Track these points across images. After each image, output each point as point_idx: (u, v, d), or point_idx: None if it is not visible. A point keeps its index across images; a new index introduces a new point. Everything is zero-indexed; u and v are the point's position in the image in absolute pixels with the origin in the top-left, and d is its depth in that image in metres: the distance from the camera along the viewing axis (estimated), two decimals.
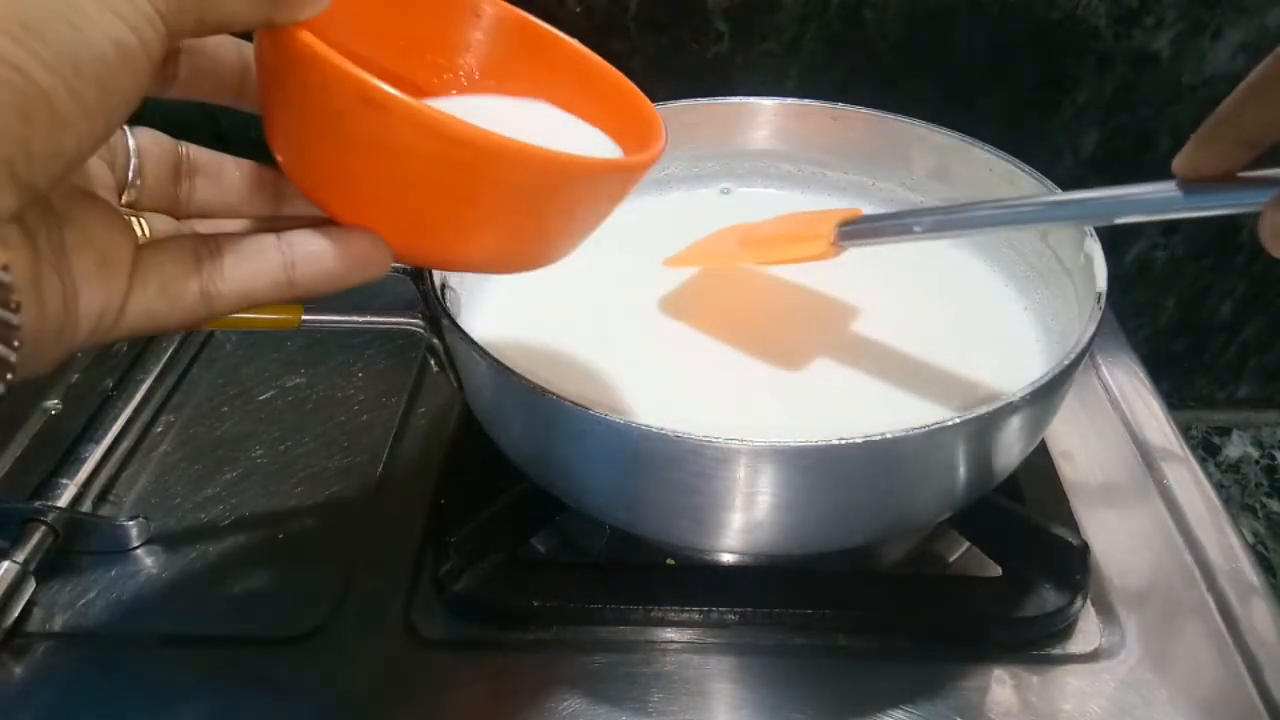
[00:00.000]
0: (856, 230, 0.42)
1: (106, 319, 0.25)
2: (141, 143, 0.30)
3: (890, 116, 0.53)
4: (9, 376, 0.22)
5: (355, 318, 0.42)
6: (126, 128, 0.29)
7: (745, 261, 0.49)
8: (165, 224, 0.30)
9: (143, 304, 0.25)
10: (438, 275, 0.42)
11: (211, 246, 0.27)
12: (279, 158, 0.29)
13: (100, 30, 0.21)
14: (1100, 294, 0.40)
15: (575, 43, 0.35)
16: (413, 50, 0.33)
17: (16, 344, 0.22)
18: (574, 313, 0.49)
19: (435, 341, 0.42)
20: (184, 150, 0.31)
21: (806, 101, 0.55)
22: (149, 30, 0.21)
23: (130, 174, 0.29)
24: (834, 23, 0.66)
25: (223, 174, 0.31)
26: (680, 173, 0.58)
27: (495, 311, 0.48)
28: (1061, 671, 0.41)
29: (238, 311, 0.28)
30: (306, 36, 0.25)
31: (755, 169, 0.58)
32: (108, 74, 0.21)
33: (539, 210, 0.29)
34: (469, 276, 0.48)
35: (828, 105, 0.55)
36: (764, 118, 0.56)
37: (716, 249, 0.49)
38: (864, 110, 0.54)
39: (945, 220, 0.40)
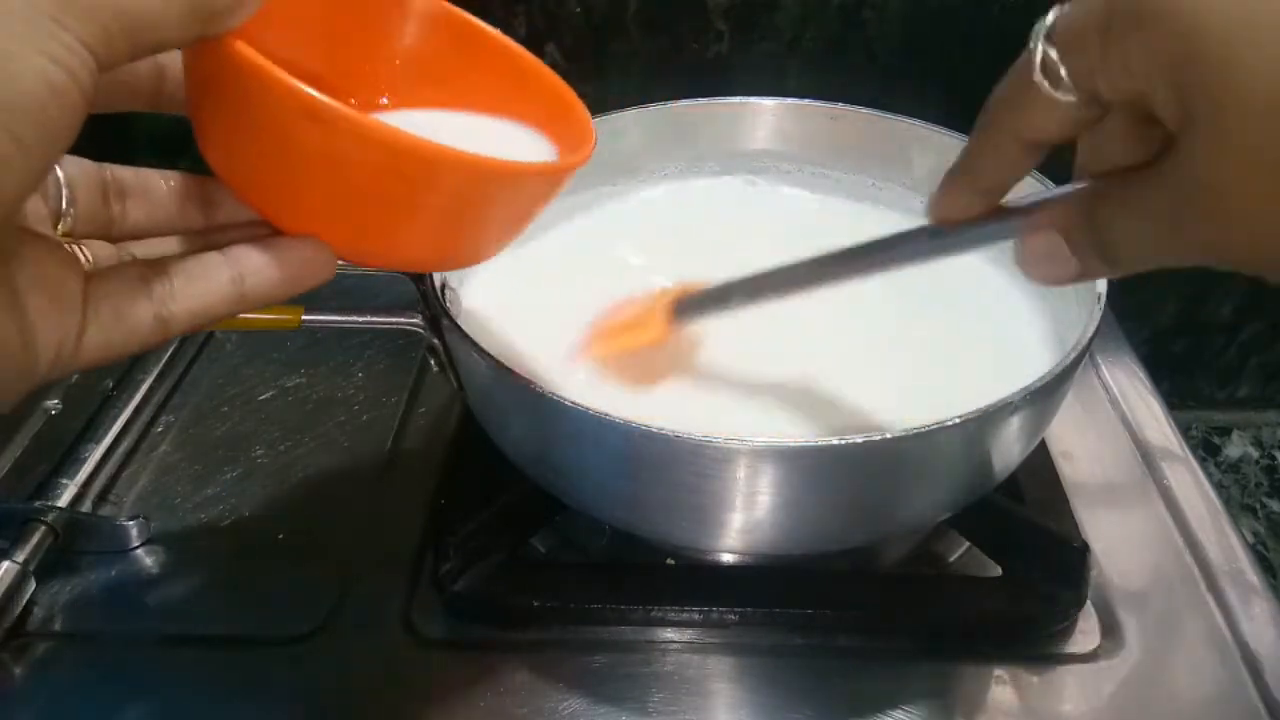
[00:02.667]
0: (689, 307, 0.42)
1: (65, 352, 0.25)
2: (68, 171, 0.30)
3: (890, 116, 0.53)
4: None
5: (355, 318, 0.42)
6: None
7: (605, 351, 0.46)
8: (105, 250, 0.30)
9: (99, 335, 0.26)
10: (438, 275, 0.42)
11: (159, 270, 0.27)
12: (216, 168, 0.29)
13: (32, 71, 0.21)
14: (1100, 294, 0.40)
15: (507, 40, 0.35)
16: (339, 50, 0.33)
17: None
18: (574, 312, 0.49)
19: (435, 341, 0.42)
20: (108, 173, 0.31)
21: (806, 101, 0.55)
22: (79, 67, 0.22)
23: (63, 203, 0.29)
24: (834, 23, 0.66)
25: (151, 190, 0.31)
26: (681, 171, 0.57)
27: (496, 311, 0.48)
28: (1061, 671, 0.41)
29: (193, 330, 0.28)
30: (242, 48, 0.25)
31: (756, 168, 0.58)
32: (42, 113, 0.21)
33: (478, 212, 0.30)
34: (469, 276, 0.48)
35: (828, 105, 0.55)
36: (764, 118, 0.56)
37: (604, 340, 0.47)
38: (864, 110, 0.54)
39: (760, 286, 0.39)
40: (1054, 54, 0.26)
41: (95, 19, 0.22)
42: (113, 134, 0.74)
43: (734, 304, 0.40)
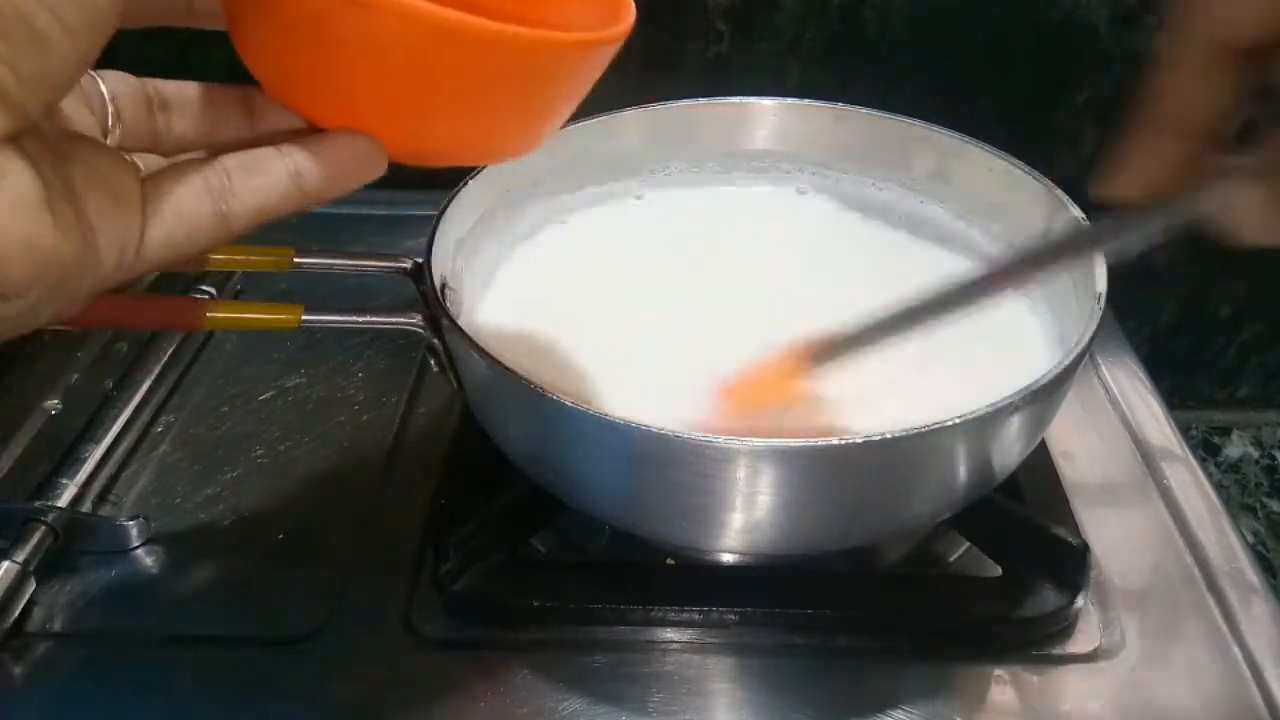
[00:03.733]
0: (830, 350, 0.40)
1: (128, 252, 0.25)
2: (111, 85, 0.30)
3: (890, 116, 0.53)
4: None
5: (355, 318, 0.42)
6: (94, 72, 0.29)
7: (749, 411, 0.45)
8: (156, 163, 0.30)
9: (162, 233, 0.26)
10: (438, 275, 0.42)
11: (216, 168, 0.27)
12: (256, 72, 0.29)
13: None
14: (1100, 294, 0.40)
15: None
16: None
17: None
18: (575, 313, 0.49)
19: (435, 341, 0.42)
20: (151, 87, 0.31)
21: (806, 101, 0.55)
22: None
23: (109, 119, 0.30)
24: (834, 23, 0.66)
25: (193, 101, 0.31)
26: (683, 169, 0.57)
27: (495, 311, 0.48)
28: (1061, 671, 0.41)
29: (254, 228, 0.28)
30: None
31: (756, 168, 0.58)
32: None
33: (527, 91, 0.30)
34: (469, 276, 0.48)
35: (828, 105, 0.55)
36: (764, 118, 0.56)
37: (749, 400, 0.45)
38: (864, 110, 0.54)
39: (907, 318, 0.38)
40: None
41: None
42: None
43: (871, 343, 0.39)
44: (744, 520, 0.37)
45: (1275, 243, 0.26)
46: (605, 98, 0.71)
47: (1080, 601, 0.42)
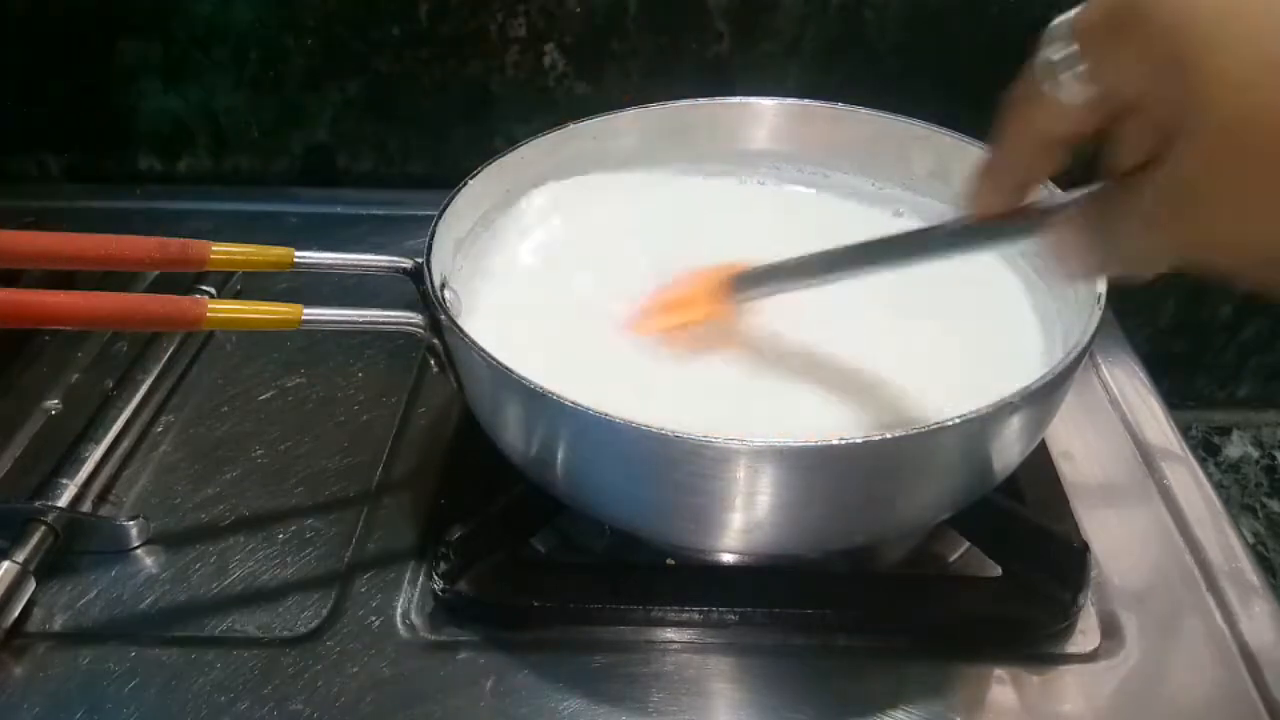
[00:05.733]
0: (749, 282, 0.44)
1: None
2: None
3: (890, 116, 0.53)
4: None
5: (355, 318, 0.42)
6: None
7: (664, 326, 0.48)
8: None
9: None
10: (437, 275, 0.42)
11: None
12: None
13: None
14: (1100, 294, 0.40)
15: None
16: None
17: None
18: (575, 312, 0.49)
19: (435, 341, 0.42)
20: None
21: (806, 101, 0.55)
22: None
23: None
24: (834, 23, 0.66)
25: None
26: (683, 169, 0.57)
27: (495, 311, 0.48)
28: (1061, 671, 0.41)
29: None
30: None
31: (756, 168, 0.58)
32: None
33: None
34: (469, 276, 0.48)
35: (828, 105, 0.55)
36: (764, 118, 0.56)
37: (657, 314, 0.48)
38: (864, 110, 0.54)
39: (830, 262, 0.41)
40: (1060, 54, 0.27)
41: None
42: (114, 136, 0.74)
43: (788, 282, 0.42)
44: (744, 520, 0.37)
45: (1092, 277, 0.31)
46: (605, 98, 0.71)
47: (1080, 601, 0.42)
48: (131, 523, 0.46)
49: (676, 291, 0.46)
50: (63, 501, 0.46)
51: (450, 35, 0.68)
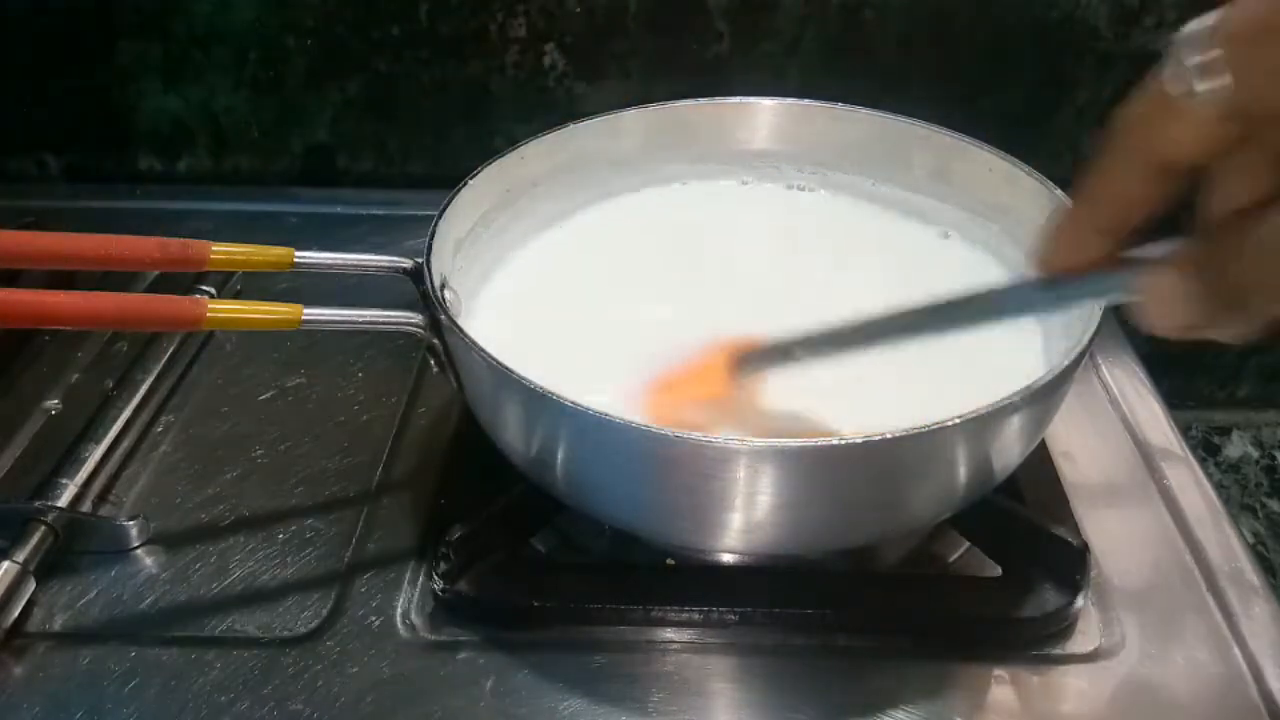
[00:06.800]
0: (751, 361, 0.42)
1: None
2: None
3: (890, 116, 0.53)
4: None
5: (355, 318, 0.42)
6: None
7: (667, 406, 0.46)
8: None
9: None
10: (437, 275, 0.42)
11: None
12: None
13: None
14: None
15: None
16: None
17: None
18: (575, 312, 0.49)
19: (435, 341, 0.42)
20: None
21: (806, 101, 0.55)
22: None
23: None
24: (834, 23, 0.66)
25: None
26: (683, 169, 0.57)
27: (495, 312, 0.48)
28: (1061, 671, 0.41)
29: None
30: None
31: (756, 168, 0.58)
32: None
33: None
34: (469, 277, 0.48)
35: (828, 105, 0.55)
36: (764, 118, 0.56)
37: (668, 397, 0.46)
38: (864, 110, 0.54)
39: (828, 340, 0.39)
40: (1198, 60, 0.24)
41: None
42: (114, 136, 0.74)
43: (798, 358, 0.40)
44: (744, 520, 0.37)
45: (1176, 333, 0.27)
46: (605, 98, 0.71)
47: (1080, 601, 0.42)
48: (131, 523, 0.46)
49: (683, 370, 0.45)
50: (63, 501, 0.46)
51: (450, 35, 0.69)
